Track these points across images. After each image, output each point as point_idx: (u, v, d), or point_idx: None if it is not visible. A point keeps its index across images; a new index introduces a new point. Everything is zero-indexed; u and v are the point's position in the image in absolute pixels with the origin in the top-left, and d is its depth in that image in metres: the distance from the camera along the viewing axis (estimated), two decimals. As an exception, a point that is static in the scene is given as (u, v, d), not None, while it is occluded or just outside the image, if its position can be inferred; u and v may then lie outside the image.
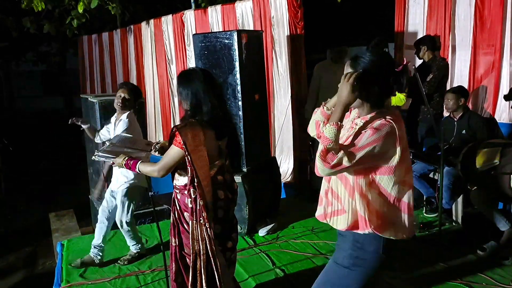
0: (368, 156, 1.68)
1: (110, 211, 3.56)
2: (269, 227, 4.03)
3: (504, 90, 4.13)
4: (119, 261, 3.57)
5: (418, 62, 4.76)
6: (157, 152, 2.66)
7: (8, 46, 13.84)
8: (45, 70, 17.98)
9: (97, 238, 3.56)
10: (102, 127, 4.54)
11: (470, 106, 4.42)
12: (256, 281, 3.17)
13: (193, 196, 2.33)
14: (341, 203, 1.84)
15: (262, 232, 4.00)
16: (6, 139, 8.03)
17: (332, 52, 4.91)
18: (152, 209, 3.45)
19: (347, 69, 1.82)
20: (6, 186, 7.89)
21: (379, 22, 7.32)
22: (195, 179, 2.29)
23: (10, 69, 17.52)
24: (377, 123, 1.72)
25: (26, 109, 18.71)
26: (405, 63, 1.77)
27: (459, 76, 4.53)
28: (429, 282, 3.05)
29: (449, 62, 4.49)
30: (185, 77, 2.40)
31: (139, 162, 2.44)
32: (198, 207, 2.33)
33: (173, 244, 2.51)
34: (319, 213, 1.97)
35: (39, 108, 18.86)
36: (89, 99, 4.94)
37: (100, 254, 3.56)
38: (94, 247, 3.54)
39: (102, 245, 3.56)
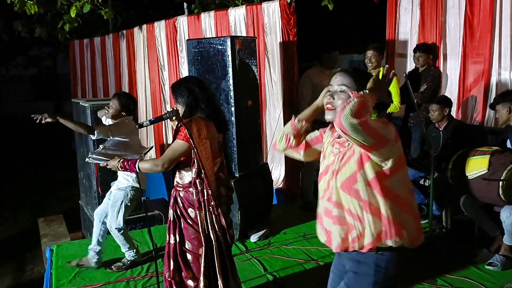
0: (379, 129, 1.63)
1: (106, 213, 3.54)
2: (260, 233, 4.03)
3: (492, 98, 4.19)
4: (112, 267, 3.51)
5: (409, 68, 4.82)
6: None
7: (-2, 50, 13.72)
8: (35, 75, 17.82)
9: (93, 240, 3.56)
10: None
11: (459, 114, 4.48)
12: (247, 287, 3.16)
13: (199, 188, 2.42)
14: (362, 221, 1.74)
15: (253, 238, 4.00)
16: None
17: (324, 58, 4.88)
18: (144, 214, 3.44)
19: (342, 77, 1.81)
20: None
21: (371, 31, 7.40)
22: (202, 171, 2.38)
23: (0, 74, 17.35)
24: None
25: (15, 113, 18.52)
26: (390, 76, 1.73)
27: (449, 84, 4.59)
28: (420, 288, 3.07)
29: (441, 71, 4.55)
30: (179, 82, 2.58)
31: (138, 160, 2.46)
32: (206, 197, 2.41)
33: (172, 242, 2.55)
34: (333, 245, 1.82)
35: (28, 112, 18.67)
36: (80, 103, 4.91)
37: (96, 257, 3.53)
38: (90, 249, 3.54)
39: (99, 247, 3.54)
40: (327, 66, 4.84)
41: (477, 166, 3.35)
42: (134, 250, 3.56)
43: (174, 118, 2.52)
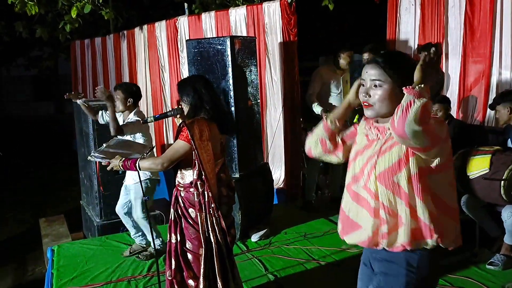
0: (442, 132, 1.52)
1: (126, 207, 3.67)
2: (261, 232, 4.03)
3: (493, 98, 4.19)
4: (140, 255, 3.64)
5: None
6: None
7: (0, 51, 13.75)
8: (36, 75, 17.85)
9: (131, 231, 3.75)
10: (94, 131, 4.54)
11: (460, 114, 4.48)
12: (248, 286, 3.17)
13: (200, 190, 2.42)
14: (395, 217, 1.61)
15: (254, 237, 4.00)
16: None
17: (335, 58, 4.81)
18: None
19: (373, 71, 1.62)
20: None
21: (371, 31, 7.40)
22: (202, 173, 2.38)
23: (1, 74, 17.38)
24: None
25: (17, 114, 18.56)
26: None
27: (450, 84, 4.59)
28: None
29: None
30: (186, 81, 2.59)
31: (138, 159, 2.47)
32: (206, 199, 2.42)
33: (173, 241, 2.56)
34: (362, 238, 1.68)
35: (29, 113, 18.72)
36: (81, 103, 4.91)
37: (144, 240, 3.72)
38: (135, 237, 3.73)
39: (139, 232, 3.72)
40: (339, 66, 4.79)
41: (478, 165, 3.34)
42: (161, 239, 3.66)
43: (178, 116, 2.53)
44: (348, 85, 4.85)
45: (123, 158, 2.52)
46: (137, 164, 2.46)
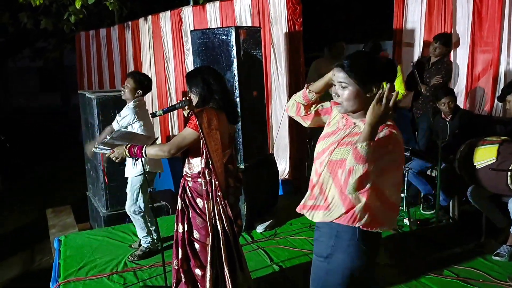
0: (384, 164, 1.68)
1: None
2: (266, 223, 4.04)
3: (501, 88, 4.14)
4: (129, 257, 3.56)
5: (416, 58, 4.76)
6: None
7: (5, 42, 13.75)
8: (41, 67, 17.87)
9: (140, 233, 3.65)
10: (99, 122, 4.55)
11: (467, 104, 4.43)
12: (253, 277, 3.17)
13: (208, 178, 2.43)
14: (326, 199, 1.81)
15: (260, 228, 4.01)
16: (2, 135, 8.00)
17: (333, 48, 4.89)
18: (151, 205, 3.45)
19: (339, 73, 1.76)
20: (3, 182, 7.86)
21: (378, 20, 7.32)
22: (210, 161, 2.39)
23: (7, 66, 17.42)
24: (384, 131, 1.69)
25: (23, 105, 18.63)
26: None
27: (457, 74, 4.54)
28: (426, 278, 3.06)
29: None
30: (195, 71, 2.59)
31: (145, 146, 2.47)
32: (214, 188, 2.43)
33: (180, 231, 2.58)
34: (300, 204, 1.94)
35: (36, 104, 18.79)
36: (86, 95, 4.92)
37: (149, 238, 3.60)
38: (142, 238, 3.63)
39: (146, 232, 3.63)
40: (335, 56, 4.82)
41: (485, 155, 3.32)
42: (151, 237, 3.62)
43: (186, 107, 2.52)
44: None
45: (129, 145, 2.51)
46: (143, 151, 2.46)
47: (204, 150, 2.40)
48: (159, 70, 7.18)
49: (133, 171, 3.51)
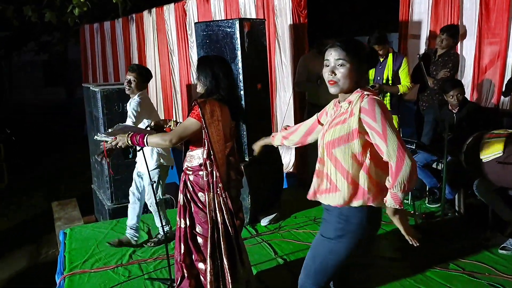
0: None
1: (140, 191, 3.68)
2: (271, 216, 4.03)
3: (508, 79, 4.09)
4: (148, 243, 3.65)
5: (422, 51, 4.71)
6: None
7: (9, 36, 13.78)
8: (46, 60, 17.90)
9: (131, 219, 3.69)
10: (104, 115, 4.55)
11: (474, 96, 4.38)
12: (257, 270, 3.18)
13: (209, 169, 2.42)
14: (333, 182, 1.91)
15: (264, 221, 4.00)
16: (8, 129, 8.04)
17: (321, 44, 4.77)
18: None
19: (336, 52, 1.88)
20: (9, 176, 7.91)
21: (383, 11, 7.24)
22: (212, 152, 2.38)
23: (12, 59, 17.46)
24: (365, 100, 1.82)
25: (28, 99, 18.69)
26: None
27: (464, 66, 4.49)
28: (431, 272, 3.05)
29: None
30: (205, 60, 2.57)
31: (147, 134, 2.47)
32: (215, 179, 2.41)
33: (182, 226, 2.57)
34: (309, 192, 2.03)
35: (40, 98, 18.84)
36: (91, 88, 4.92)
37: (136, 235, 3.68)
38: (130, 228, 3.67)
39: (137, 225, 3.69)
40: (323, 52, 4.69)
41: (492, 149, 3.29)
42: (169, 226, 3.69)
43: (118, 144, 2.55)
44: None
45: (131, 133, 2.51)
46: (145, 139, 2.45)
47: (206, 140, 2.39)
48: (164, 63, 7.17)
49: (150, 164, 3.53)
